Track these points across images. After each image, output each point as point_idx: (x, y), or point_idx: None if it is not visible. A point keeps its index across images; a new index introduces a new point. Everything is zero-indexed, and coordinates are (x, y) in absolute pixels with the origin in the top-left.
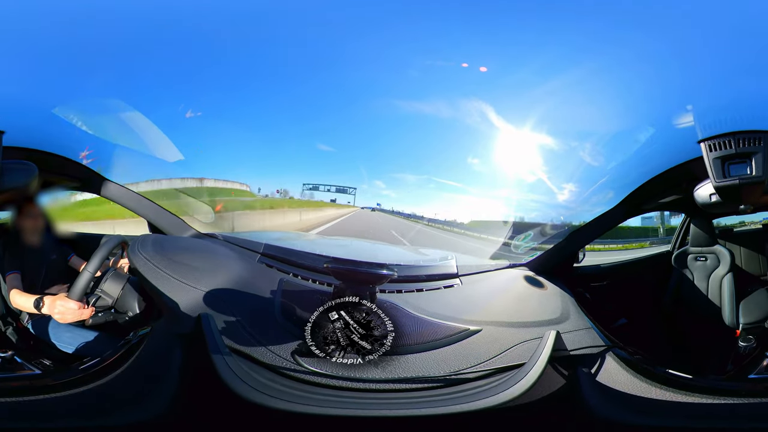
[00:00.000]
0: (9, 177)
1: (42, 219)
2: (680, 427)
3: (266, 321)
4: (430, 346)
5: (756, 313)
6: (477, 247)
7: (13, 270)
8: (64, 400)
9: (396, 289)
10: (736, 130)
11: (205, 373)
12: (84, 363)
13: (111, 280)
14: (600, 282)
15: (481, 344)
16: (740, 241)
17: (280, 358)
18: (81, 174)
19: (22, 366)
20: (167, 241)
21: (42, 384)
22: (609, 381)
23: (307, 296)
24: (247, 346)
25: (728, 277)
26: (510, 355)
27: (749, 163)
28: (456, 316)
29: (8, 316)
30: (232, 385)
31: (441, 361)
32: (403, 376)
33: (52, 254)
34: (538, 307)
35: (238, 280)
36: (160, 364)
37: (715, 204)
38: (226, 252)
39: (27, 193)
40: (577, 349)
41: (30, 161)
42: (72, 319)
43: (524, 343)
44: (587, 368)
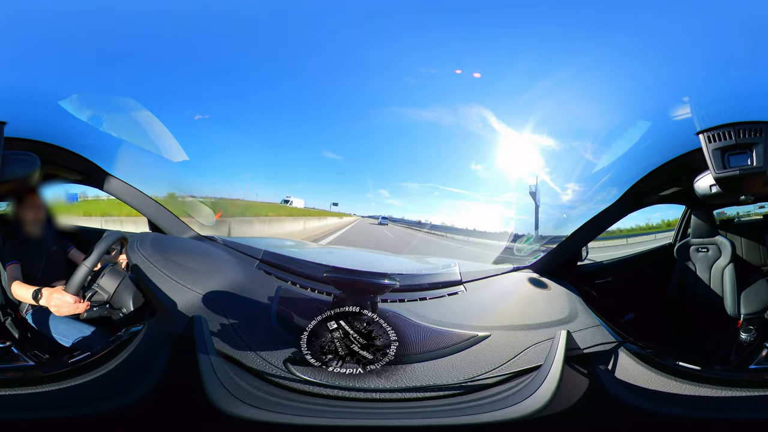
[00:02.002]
0: (11, 167)
1: (43, 210)
2: (690, 417)
3: (260, 328)
4: (438, 354)
5: (756, 304)
6: (480, 252)
7: (13, 261)
8: (51, 392)
9: (398, 299)
10: (736, 121)
11: (188, 374)
12: (74, 356)
13: (108, 275)
14: (605, 278)
15: (492, 349)
16: (741, 231)
17: (271, 365)
18: (84, 167)
19: (18, 357)
20: (166, 241)
21: (33, 376)
22: (626, 376)
23: (306, 305)
24: (238, 350)
25: (729, 267)
26: (524, 358)
27: (750, 154)
28: (463, 323)
29: (8, 307)
30: (210, 390)
31: (453, 368)
32: (411, 385)
33: (52, 246)
34: (545, 309)
35: (234, 285)
36: (147, 363)
37: (716, 195)
38: (225, 256)
39: (29, 184)
40: (590, 346)
41: (34, 152)
42: (68, 312)
43: (536, 345)
44: (604, 365)
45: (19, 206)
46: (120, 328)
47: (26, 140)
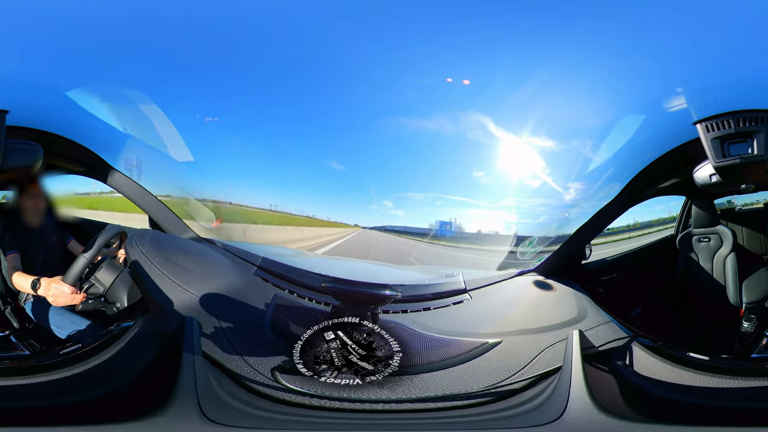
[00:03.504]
0: (13, 156)
1: (43, 200)
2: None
3: (252, 334)
4: (448, 363)
5: (757, 293)
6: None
7: (13, 250)
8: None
9: (401, 309)
10: (735, 110)
11: (168, 374)
12: (65, 348)
13: (105, 269)
14: (610, 275)
15: (507, 355)
16: (742, 220)
17: (257, 373)
18: (88, 159)
19: (16, 346)
20: (166, 240)
21: (27, 365)
22: (644, 370)
23: (302, 314)
24: (226, 355)
25: (731, 256)
26: (541, 361)
27: (751, 143)
28: (471, 331)
29: (8, 296)
30: (182, 392)
31: (468, 376)
32: (424, 395)
33: (52, 237)
34: (554, 310)
35: (230, 290)
36: (132, 359)
37: (716, 184)
38: (223, 260)
39: (30, 173)
40: (604, 343)
41: (37, 142)
42: (64, 303)
43: (551, 348)
44: (621, 361)
45: (20, 195)
46: (113, 322)
47: (31, 129)
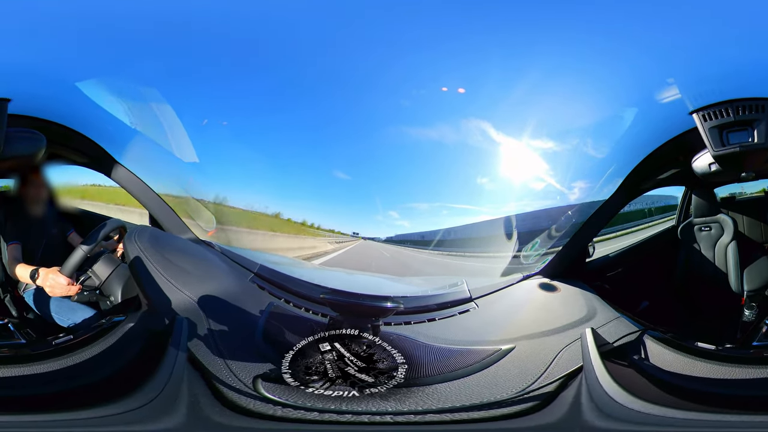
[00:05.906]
0: (15, 145)
1: (45, 189)
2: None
3: (242, 341)
4: (461, 373)
5: (757, 281)
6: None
7: (14, 240)
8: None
9: (404, 321)
10: (733, 99)
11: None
12: (58, 338)
13: (102, 262)
14: (615, 270)
15: (524, 360)
16: (742, 209)
17: (237, 380)
18: (92, 151)
19: (14, 334)
20: (164, 238)
21: (23, 354)
22: (659, 362)
23: (298, 324)
24: (212, 360)
25: (732, 245)
26: (560, 362)
27: (750, 131)
28: (481, 339)
29: (8, 285)
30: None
31: (488, 384)
32: (441, 407)
33: (52, 228)
34: (564, 311)
35: (225, 294)
36: (118, 354)
37: (715, 173)
38: (220, 264)
39: (32, 162)
40: (618, 339)
41: (42, 132)
42: (60, 293)
43: (567, 348)
44: (637, 354)
45: (22, 184)
46: (106, 315)
47: (35, 119)
